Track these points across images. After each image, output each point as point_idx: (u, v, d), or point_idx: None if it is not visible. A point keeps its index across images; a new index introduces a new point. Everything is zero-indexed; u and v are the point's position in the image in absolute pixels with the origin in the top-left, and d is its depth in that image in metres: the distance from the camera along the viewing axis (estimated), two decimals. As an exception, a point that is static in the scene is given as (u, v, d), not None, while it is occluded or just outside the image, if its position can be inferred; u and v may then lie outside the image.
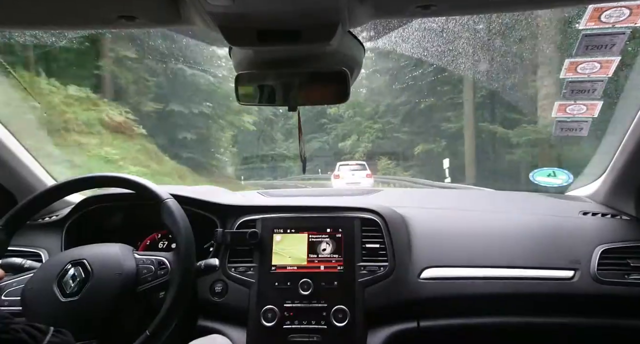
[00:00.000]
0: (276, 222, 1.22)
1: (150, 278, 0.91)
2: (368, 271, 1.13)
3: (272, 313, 1.09)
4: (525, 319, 1.13)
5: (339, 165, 14.08)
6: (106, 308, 0.86)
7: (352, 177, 12.33)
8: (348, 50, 0.86)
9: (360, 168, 13.36)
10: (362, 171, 13.04)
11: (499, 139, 13.02)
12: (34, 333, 0.64)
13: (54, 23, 0.80)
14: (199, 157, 12.66)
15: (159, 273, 0.92)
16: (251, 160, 18.65)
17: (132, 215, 1.34)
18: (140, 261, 0.93)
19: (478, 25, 1.38)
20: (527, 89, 9.62)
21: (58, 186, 1.03)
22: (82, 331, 0.82)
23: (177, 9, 0.67)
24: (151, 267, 0.92)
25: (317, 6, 0.65)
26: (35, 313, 0.85)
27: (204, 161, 13.13)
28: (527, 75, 9.24)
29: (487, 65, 6.26)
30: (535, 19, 5.03)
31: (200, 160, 12.63)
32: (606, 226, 1.25)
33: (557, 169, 1.53)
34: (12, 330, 0.62)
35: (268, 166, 19.25)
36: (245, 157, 18.49)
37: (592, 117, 1.24)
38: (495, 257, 1.16)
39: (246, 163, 17.74)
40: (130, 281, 0.89)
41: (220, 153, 14.77)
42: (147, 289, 0.90)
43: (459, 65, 1.96)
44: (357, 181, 11.63)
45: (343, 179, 12.32)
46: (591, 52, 1.10)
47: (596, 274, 1.10)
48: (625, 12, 0.99)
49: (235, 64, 0.93)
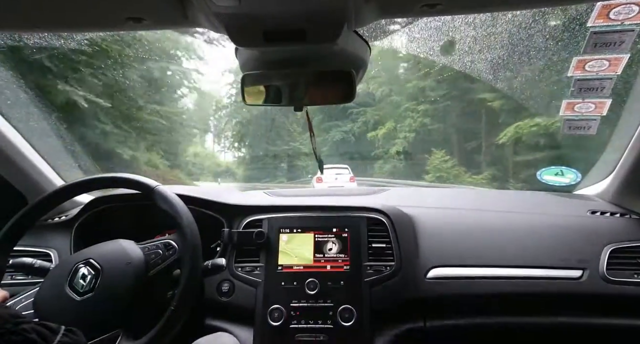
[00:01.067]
0: (282, 222, 1.22)
1: (160, 260, 0.93)
2: (374, 271, 1.13)
3: (278, 312, 1.10)
4: (532, 319, 1.12)
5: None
6: (124, 298, 0.87)
7: (335, 181, 12.02)
8: (354, 50, 0.86)
9: (344, 172, 13.08)
10: (346, 174, 12.80)
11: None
12: (44, 332, 0.64)
13: (62, 26, 0.81)
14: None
15: (167, 254, 0.94)
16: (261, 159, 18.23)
17: (140, 215, 1.35)
18: (145, 248, 0.95)
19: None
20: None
21: (48, 196, 1.01)
22: (105, 325, 0.84)
23: (184, 10, 0.67)
24: (158, 251, 0.94)
25: (322, 6, 0.65)
26: (51, 315, 0.85)
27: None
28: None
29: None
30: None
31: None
32: (615, 225, 1.23)
33: (564, 168, 1.51)
34: (23, 330, 0.62)
35: (282, 164, 17.95)
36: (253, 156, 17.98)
37: (601, 115, 1.22)
38: (502, 256, 1.15)
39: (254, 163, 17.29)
40: (141, 267, 0.91)
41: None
42: (159, 271, 0.92)
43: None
44: (340, 185, 11.34)
45: (326, 183, 11.61)
46: (600, 50, 1.08)
47: (605, 273, 1.09)
48: (634, 9, 0.98)
49: (241, 65, 0.94)
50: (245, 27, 0.71)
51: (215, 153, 24.68)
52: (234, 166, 21.93)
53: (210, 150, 24.58)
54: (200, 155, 20.66)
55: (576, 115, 1.23)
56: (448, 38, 1.81)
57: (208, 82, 25.28)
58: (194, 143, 19.49)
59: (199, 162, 20.02)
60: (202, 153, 21.37)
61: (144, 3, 0.65)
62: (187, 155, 17.52)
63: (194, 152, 19.39)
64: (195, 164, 18.83)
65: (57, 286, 0.89)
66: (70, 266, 0.90)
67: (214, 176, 16.69)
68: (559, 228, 1.23)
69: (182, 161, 15.45)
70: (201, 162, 20.33)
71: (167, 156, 12.71)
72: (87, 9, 0.69)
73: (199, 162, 20.02)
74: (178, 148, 14.91)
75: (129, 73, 9.82)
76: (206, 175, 19.77)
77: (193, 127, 19.66)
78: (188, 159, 17.43)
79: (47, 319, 0.85)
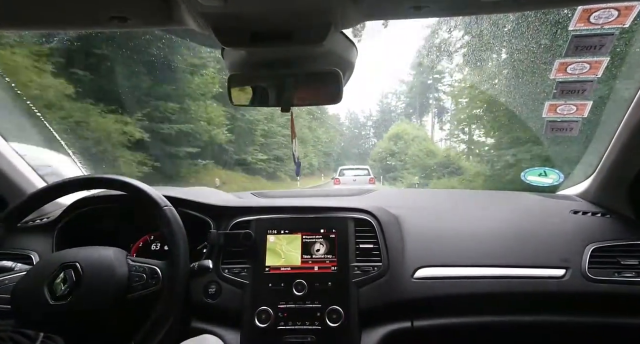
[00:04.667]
0: (270, 223, 1.21)
1: (141, 287, 0.90)
2: (362, 271, 1.13)
3: (266, 314, 1.09)
4: (516, 317, 1.14)
5: (341, 169, 13.57)
6: (95, 314, 0.85)
7: (353, 183, 11.78)
8: (341, 50, 0.86)
9: (364, 173, 12.87)
10: (365, 176, 12.53)
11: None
12: (22, 341, 0.63)
13: (45, 24, 0.79)
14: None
15: (150, 282, 0.90)
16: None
17: (124, 217, 1.32)
18: (133, 268, 0.92)
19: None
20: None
21: (60, 183, 1.01)
22: (70, 336, 0.82)
23: (170, 10, 0.67)
24: (143, 275, 0.91)
25: (309, 7, 0.65)
26: (24, 313, 0.84)
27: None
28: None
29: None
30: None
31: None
32: (597, 225, 1.26)
33: (548, 169, 1.54)
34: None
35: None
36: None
37: (582, 117, 1.25)
38: (487, 256, 1.17)
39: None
40: (121, 288, 0.88)
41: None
42: (137, 297, 0.89)
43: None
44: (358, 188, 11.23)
45: (344, 185, 11.70)
46: (580, 53, 1.11)
47: (587, 272, 1.12)
48: (613, 13, 1.00)
49: (227, 65, 0.93)
50: (232, 28, 0.71)
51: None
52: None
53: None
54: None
55: (558, 117, 1.26)
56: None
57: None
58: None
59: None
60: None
61: (128, 2, 0.64)
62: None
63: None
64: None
65: (37, 282, 0.87)
66: (57, 265, 0.88)
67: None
68: (542, 228, 1.25)
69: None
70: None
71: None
72: (71, 7, 0.68)
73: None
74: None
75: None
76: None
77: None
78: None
79: (19, 311, 0.84)
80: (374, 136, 50.97)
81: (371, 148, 44.59)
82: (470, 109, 13.84)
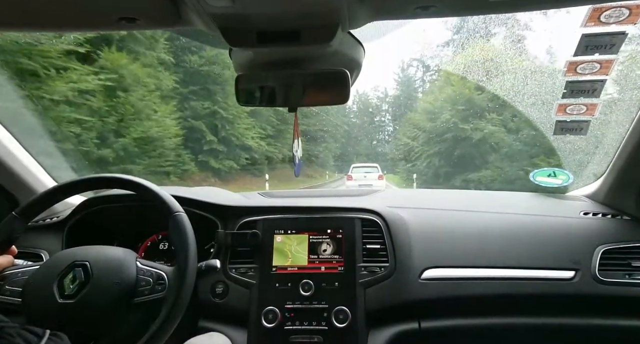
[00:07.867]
0: (277, 223, 1.22)
1: (147, 291, 0.89)
2: (369, 272, 1.13)
3: (272, 314, 1.09)
4: (525, 319, 1.13)
5: (353, 167, 14.61)
6: (100, 315, 0.85)
7: (364, 179, 12.67)
8: (348, 51, 0.86)
9: (373, 170, 13.82)
10: (375, 173, 13.47)
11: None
12: (29, 337, 0.64)
13: (54, 25, 0.81)
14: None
15: (156, 288, 0.90)
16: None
17: (132, 216, 1.34)
18: (141, 271, 0.91)
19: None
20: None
21: (74, 182, 1.01)
22: (77, 334, 0.82)
23: (177, 11, 0.67)
24: (150, 280, 0.90)
25: (317, 7, 0.65)
26: (32, 309, 0.85)
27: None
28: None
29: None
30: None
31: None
32: (607, 227, 1.25)
33: (557, 169, 1.53)
34: (7, 335, 0.62)
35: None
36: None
37: (592, 117, 1.23)
38: (496, 257, 1.16)
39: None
40: (128, 291, 0.88)
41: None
42: (143, 302, 0.89)
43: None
44: (368, 183, 11.88)
45: (356, 181, 12.74)
46: (591, 52, 1.09)
47: (597, 274, 1.10)
48: (625, 12, 0.98)
49: (235, 65, 0.93)
50: (239, 28, 0.71)
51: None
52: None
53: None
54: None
55: (568, 117, 1.25)
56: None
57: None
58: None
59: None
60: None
61: (136, 3, 0.65)
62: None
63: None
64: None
65: (47, 278, 0.87)
66: (68, 262, 0.89)
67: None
68: (552, 229, 1.24)
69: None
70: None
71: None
72: (79, 9, 0.68)
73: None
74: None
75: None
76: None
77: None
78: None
79: (28, 307, 0.85)
80: (393, 121, 40.64)
81: (387, 140, 38.18)
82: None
